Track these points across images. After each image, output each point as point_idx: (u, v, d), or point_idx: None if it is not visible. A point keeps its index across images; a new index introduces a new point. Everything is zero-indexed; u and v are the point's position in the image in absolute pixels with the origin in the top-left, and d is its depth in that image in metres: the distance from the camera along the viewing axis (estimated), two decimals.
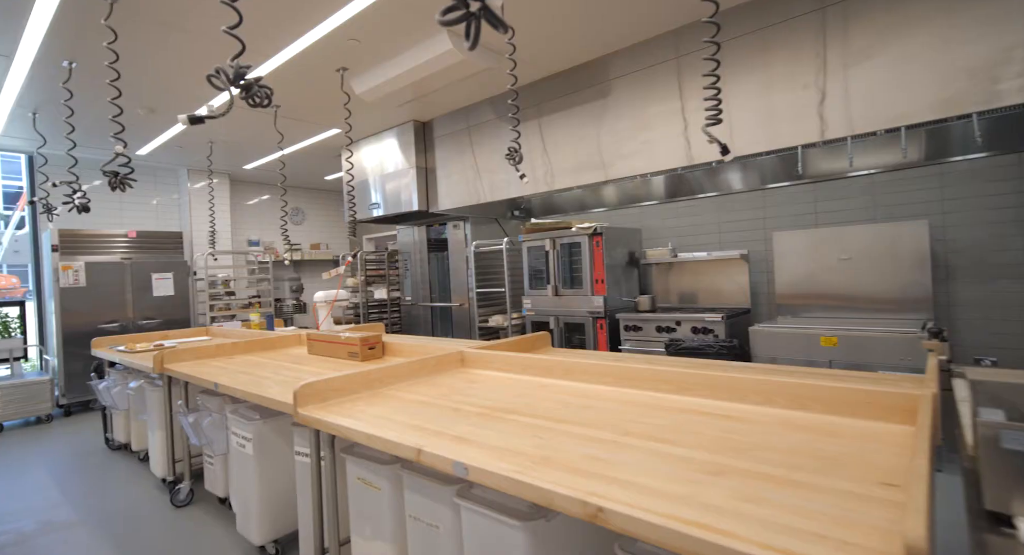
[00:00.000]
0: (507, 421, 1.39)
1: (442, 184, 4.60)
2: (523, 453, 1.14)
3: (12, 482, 3.20)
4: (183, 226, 6.21)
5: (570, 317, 4.09)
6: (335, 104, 3.99)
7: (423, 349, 2.49)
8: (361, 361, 2.54)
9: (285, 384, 2.05)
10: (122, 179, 2.37)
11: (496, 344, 2.32)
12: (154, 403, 2.89)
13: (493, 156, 4.24)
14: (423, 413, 1.50)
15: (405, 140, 4.66)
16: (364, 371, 1.82)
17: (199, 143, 4.96)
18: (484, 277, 4.87)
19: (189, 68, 3.27)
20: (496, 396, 1.67)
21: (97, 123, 4.24)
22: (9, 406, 4.43)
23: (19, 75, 3.22)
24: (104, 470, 3.34)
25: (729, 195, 3.97)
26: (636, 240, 4.36)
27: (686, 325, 3.49)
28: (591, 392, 1.66)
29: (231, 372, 2.41)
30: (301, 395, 1.62)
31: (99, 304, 5.02)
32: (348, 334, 2.64)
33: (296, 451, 1.92)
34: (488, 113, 4.32)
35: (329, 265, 7.72)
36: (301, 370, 2.38)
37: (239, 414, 2.19)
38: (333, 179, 6.92)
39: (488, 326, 4.84)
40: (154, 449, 2.93)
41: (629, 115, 3.49)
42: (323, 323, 3.23)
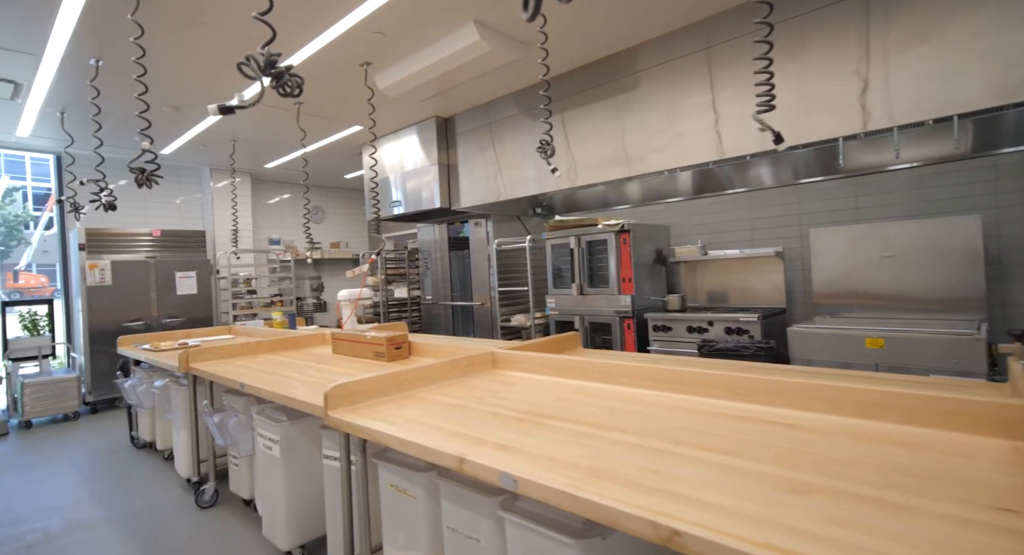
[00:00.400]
0: (550, 428, 1.31)
1: (464, 181, 4.54)
2: (573, 464, 1.06)
3: (41, 479, 3.22)
4: (206, 225, 6.24)
5: (596, 317, 3.99)
6: (357, 100, 3.95)
7: (450, 349, 2.42)
8: (388, 361, 2.48)
9: (312, 385, 1.99)
10: (148, 176, 2.34)
11: (527, 345, 2.24)
12: (179, 402, 2.87)
13: (516, 152, 4.16)
14: (459, 417, 1.43)
15: (427, 137, 4.61)
16: (395, 372, 1.75)
17: (222, 141, 4.97)
18: (506, 276, 4.80)
19: (214, 64, 3.25)
20: (534, 400, 1.59)
21: (123, 122, 4.26)
22: (38, 403, 4.48)
23: (48, 74, 3.23)
24: (129, 469, 3.34)
25: (761, 190, 3.83)
26: (664, 237, 4.24)
27: (719, 325, 3.37)
28: (635, 397, 1.56)
29: (256, 372, 2.37)
30: (332, 397, 1.56)
31: (124, 302, 5.06)
32: (374, 333, 2.58)
33: (324, 454, 1.86)
34: (511, 108, 4.24)
35: (349, 264, 7.72)
36: (327, 370, 2.32)
37: (265, 415, 2.14)
38: (353, 177, 6.91)
39: (510, 325, 4.76)
40: (179, 449, 2.91)
41: (657, 108, 3.38)
42: (347, 322, 3.18)
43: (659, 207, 4.50)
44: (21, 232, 25.31)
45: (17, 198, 25.66)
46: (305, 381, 2.08)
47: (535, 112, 4.08)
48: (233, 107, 1.52)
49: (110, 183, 3.24)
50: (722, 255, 3.81)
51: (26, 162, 27.11)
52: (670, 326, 3.61)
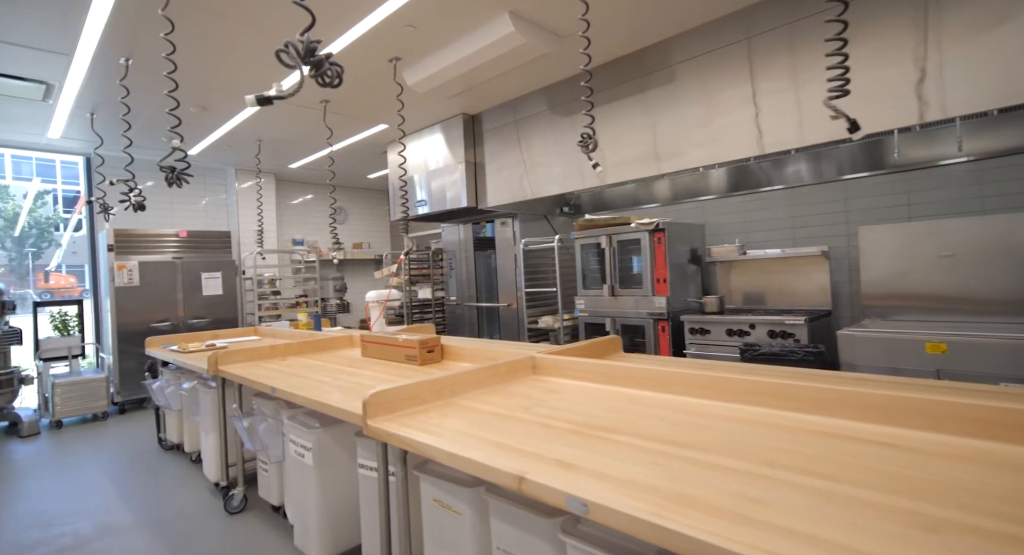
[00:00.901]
0: (612, 442, 1.19)
1: (491, 180, 4.44)
2: (650, 487, 0.94)
3: (71, 480, 3.20)
4: (231, 225, 6.25)
5: (628, 319, 3.86)
6: (384, 98, 3.88)
7: (484, 353, 2.32)
8: (420, 365, 2.39)
9: (346, 390, 1.91)
10: (178, 174, 2.29)
11: (567, 349, 2.13)
12: (207, 405, 2.82)
13: (545, 149, 4.05)
14: (507, 429, 1.32)
15: (453, 135, 4.52)
16: (435, 379, 1.65)
17: (247, 142, 4.95)
18: (532, 276, 4.69)
19: (241, 62, 3.20)
20: (585, 410, 1.48)
21: (151, 122, 4.26)
22: (68, 403, 4.50)
23: (78, 74, 3.22)
24: (158, 471, 3.31)
25: (804, 187, 3.66)
26: (698, 236, 4.09)
27: (761, 328, 3.22)
28: (696, 408, 1.44)
29: (286, 375, 2.30)
30: (371, 405, 1.47)
31: (151, 303, 5.08)
32: (405, 336, 2.49)
33: (360, 464, 1.78)
34: (539, 104, 4.13)
35: (371, 265, 7.69)
36: (358, 374, 2.24)
37: (297, 421, 2.06)
38: (376, 178, 6.87)
39: (538, 327, 4.65)
40: (207, 452, 2.86)
41: (693, 103, 3.24)
42: (375, 324, 3.11)
43: (690, 205, 4.34)
44: (52, 234, 26.01)
45: (48, 201, 26.38)
46: (338, 386, 2.00)
47: (563, 108, 3.98)
48: (271, 97, 1.44)
49: (139, 183, 3.22)
50: (762, 255, 3.65)
51: (56, 165, 27.85)
52: (708, 329, 3.46)
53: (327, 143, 4.75)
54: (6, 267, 24.25)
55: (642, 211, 4.68)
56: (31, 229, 25.25)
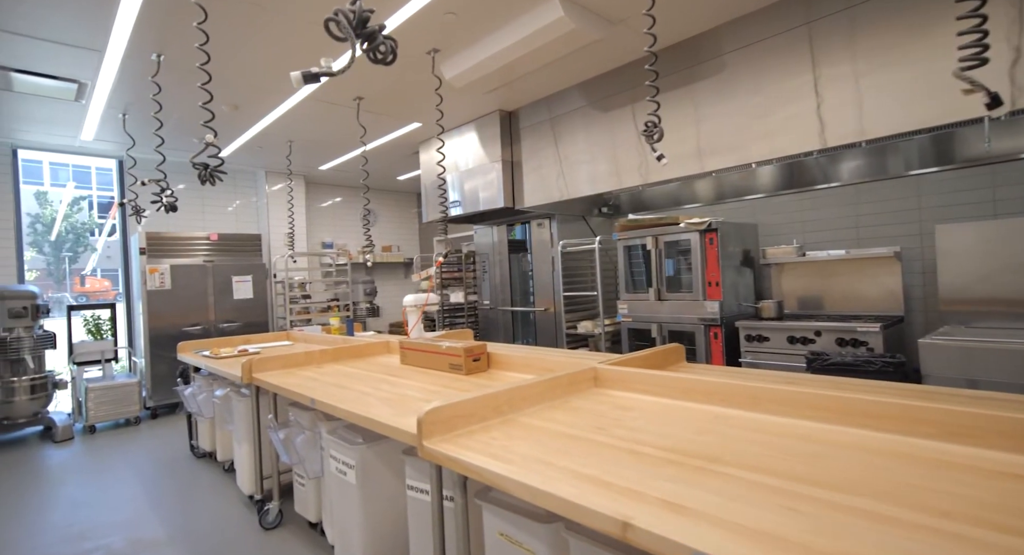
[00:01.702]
0: (720, 476, 1.00)
1: (528, 179, 4.27)
2: (798, 543, 0.75)
3: (104, 489, 3.12)
4: (261, 228, 6.22)
5: (676, 324, 3.63)
6: (419, 93, 3.75)
7: (537, 362, 2.14)
8: (465, 374, 2.22)
9: (392, 403, 1.75)
10: (212, 171, 2.17)
11: (630, 359, 1.93)
12: (241, 414, 2.70)
13: (587, 146, 3.87)
14: (587, 454, 1.14)
15: (489, 133, 4.37)
16: (492, 394, 1.48)
17: (278, 143, 4.88)
18: (569, 280, 4.50)
19: (277, 58, 3.10)
20: (669, 431, 1.29)
21: (183, 123, 4.21)
22: (101, 408, 4.47)
23: (110, 72, 3.16)
24: (190, 480, 3.21)
25: (868, 183, 3.39)
26: (752, 237, 3.84)
27: (827, 336, 2.96)
28: (805, 432, 1.23)
29: (325, 385, 2.16)
30: (426, 424, 1.30)
31: (183, 307, 5.04)
32: (449, 343, 2.33)
33: (409, 485, 1.61)
34: (578, 100, 3.95)
35: (401, 268, 7.59)
36: (401, 384, 2.08)
37: (338, 435, 1.91)
38: (406, 180, 6.77)
39: (576, 333, 4.46)
40: (241, 463, 2.74)
41: (745, 95, 3.02)
42: (413, 330, 2.96)
43: (735, 205, 4.10)
44: (87, 239, 26.82)
45: (84, 206, 27.22)
46: (382, 398, 1.84)
47: (603, 103, 3.79)
48: (318, 74, 1.29)
49: (170, 185, 3.14)
50: (824, 256, 3.39)
51: (92, 172, 28.73)
52: (766, 336, 3.22)
53: (360, 142, 4.65)
54: (44, 271, 25.06)
55: (683, 211, 4.46)
56: (68, 234, 26.07)
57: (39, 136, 4.43)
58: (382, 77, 3.43)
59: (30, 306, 4.27)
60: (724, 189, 4.16)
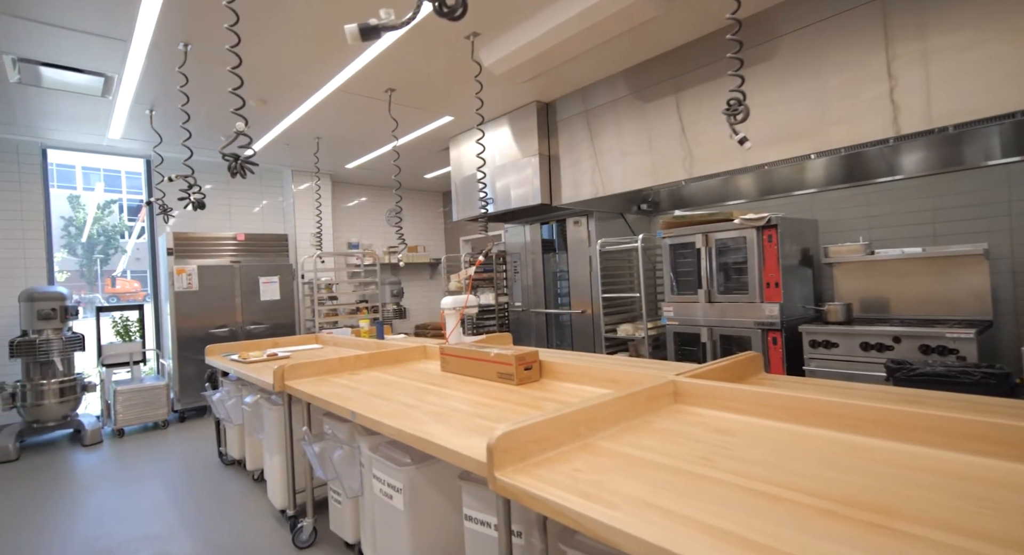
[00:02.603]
0: (908, 538, 0.77)
1: (566, 174, 4.05)
2: None
3: (132, 497, 3.00)
4: (287, 228, 6.11)
5: (729, 329, 3.37)
6: (454, 83, 3.57)
7: (598, 371, 1.91)
8: (517, 385, 2.01)
9: (441, 418, 1.55)
10: (242, 163, 2.01)
11: (710, 371, 1.70)
12: (272, 423, 2.54)
13: (632, 137, 3.64)
14: (702, 495, 0.92)
15: (524, 126, 4.16)
16: (567, 414, 1.26)
17: (306, 139, 4.75)
18: (607, 281, 4.27)
19: (305, 50, 2.94)
20: (796, 466, 1.06)
21: (211, 119, 4.10)
22: (130, 411, 4.39)
23: (136, 63, 3.04)
24: (219, 491, 3.07)
25: (943, 174, 3.09)
26: (811, 234, 3.56)
27: (909, 342, 2.68)
28: (990, 475, 0.99)
29: (363, 395, 1.97)
30: (498, 451, 1.09)
31: (210, 308, 4.94)
32: (497, 350, 2.12)
33: (467, 515, 1.41)
34: (619, 89, 3.73)
35: (427, 268, 7.44)
36: (447, 395, 1.88)
37: (382, 453, 1.72)
38: (432, 178, 6.60)
39: (616, 336, 4.22)
40: (272, 476, 2.57)
41: (801, 80, 2.78)
42: (452, 334, 2.76)
43: (784, 201, 3.83)
44: (118, 241, 27.44)
45: (114, 210, 27.86)
46: (430, 412, 1.64)
47: (647, 93, 3.57)
48: (378, 27, 1.10)
49: (197, 181, 3.00)
50: (898, 254, 3.09)
51: (121, 176, 29.41)
52: (835, 342, 2.95)
53: (390, 137, 4.49)
54: (76, 273, 25.70)
55: (729, 208, 4.19)
56: (99, 236, 26.70)
57: (68, 135, 4.37)
58: (416, 66, 3.25)
59: (59, 307, 4.20)
60: (773, 184, 3.89)
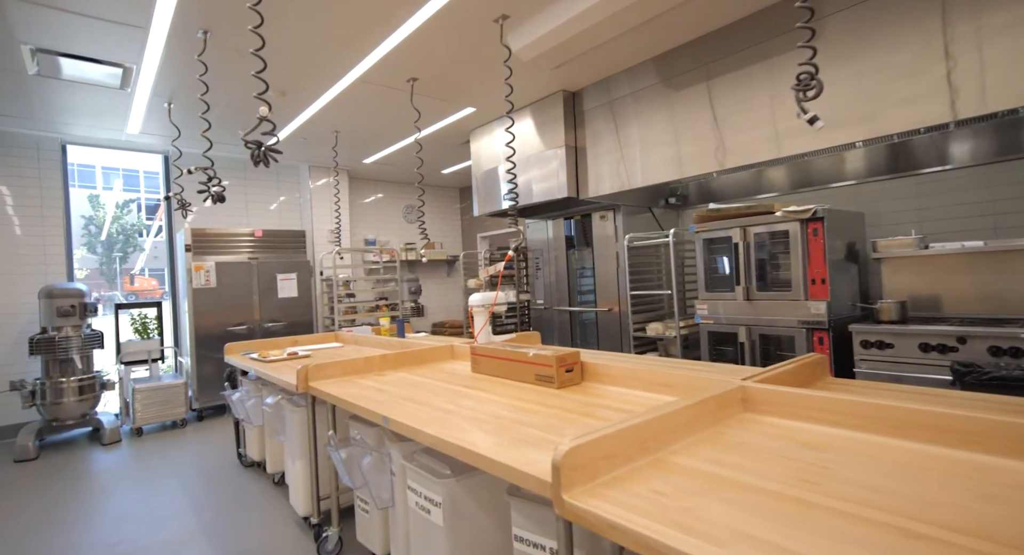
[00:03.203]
0: None
1: (593, 166, 3.90)
2: None
3: (150, 501, 2.91)
4: (304, 224, 6.03)
5: (770, 328, 3.19)
6: (478, 72, 3.43)
7: (645, 374, 1.76)
8: (557, 388, 1.87)
9: (483, 425, 1.41)
10: (266, 151, 1.89)
11: (777, 375, 1.54)
12: (295, 426, 2.42)
13: (666, 127, 3.47)
14: (819, 529, 0.77)
15: (549, 116, 4.00)
16: (634, 425, 1.11)
17: (324, 133, 4.64)
18: (635, 278, 4.10)
19: (327, 38, 2.82)
20: (920, 493, 0.90)
21: (230, 111, 4.00)
22: (148, 409, 4.32)
23: (155, 53, 2.94)
24: (239, 494, 2.97)
25: (999, 163, 2.88)
26: (857, 228, 3.36)
27: (976, 343, 2.49)
28: None
29: (394, 398, 1.84)
30: (566, 469, 0.95)
31: (228, 306, 4.87)
32: (535, 351, 1.98)
33: (518, 536, 1.27)
34: (649, 77, 3.56)
35: (444, 266, 7.32)
36: (484, 399, 1.75)
37: (417, 462, 1.59)
38: (449, 174, 6.48)
39: (645, 336, 4.06)
40: (295, 481, 2.46)
41: (851, 62, 2.59)
42: (481, 333, 2.63)
43: (820, 194, 3.65)
44: (136, 240, 27.78)
45: (133, 208, 28.21)
46: (470, 418, 1.51)
47: (680, 80, 3.41)
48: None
49: (216, 173, 2.89)
50: (957, 248, 2.89)
51: (140, 176, 29.78)
52: (889, 342, 2.76)
53: (414, 127, 4.37)
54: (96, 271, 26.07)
55: (756, 201, 4.00)
56: (118, 235, 27.05)
57: (87, 130, 4.31)
58: (440, 53, 3.12)
59: (78, 304, 4.14)
60: (810, 175, 3.70)
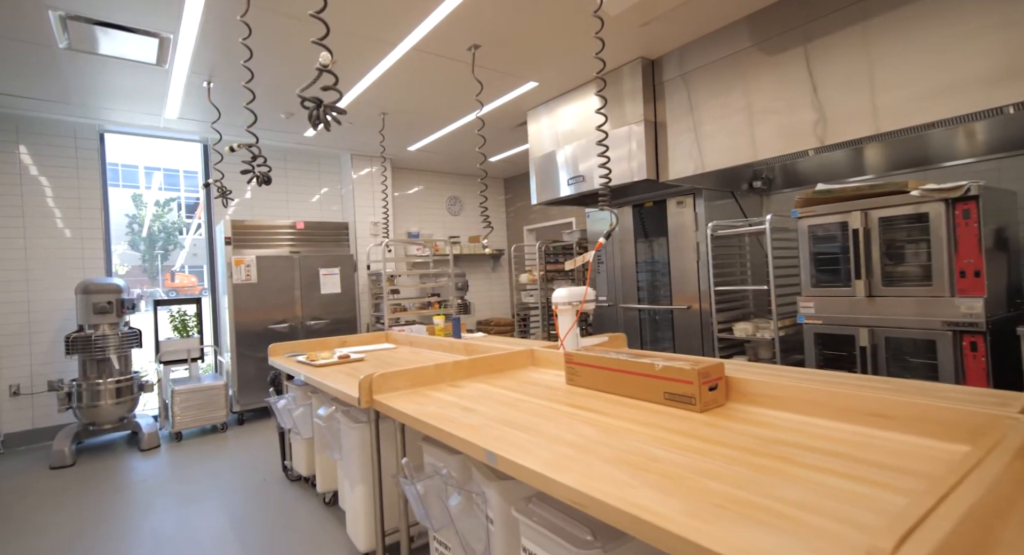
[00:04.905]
0: None
1: (675, 145, 3.43)
2: None
3: (191, 523, 2.61)
4: (346, 216, 5.72)
5: (900, 330, 2.68)
6: (549, 37, 3.01)
7: (830, 397, 1.31)
8: (700, 411, 1.43)
9: (638, 472, 0.99)
10: (327, 109, 1.51)
11: None
12: (354, 445, 2.06)
13: (760, 98, 2.99)
14: None
15: (624, 88, 3.54)
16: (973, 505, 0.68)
17: (370, 116, 4.30)
18: (719, 271, 3.62)
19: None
20: None
21: (268, 95, 3.69)
22: (187, 413, 4.07)
23: (194, 16, 2.62)
24: (286, 515, 2.64)
25: None
26: (1009, 210, 2.81)
27: None
28: None
29: (486, 419, 1.44)
30: None
31: (269, 302, 4.59)
32: (663, 363, 1.55)
33: None
34: (739, 40, 3.09)
35: (488, 260, 6.95)
36: (611, 427, 1.33)
37: (536, 516, 1.18)
38: (497, 161, 6.07)
39: (731, 337, 3.57)
40: (354, 509, 2.10)
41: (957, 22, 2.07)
42: (568, 337, 2.21)
43: (925, 174, 3.12)
44: (176, 237, 28.46)
45: (173, 207, 28.91)
46: (610, 457, 1.09)
47: (772, 44, 2.94)
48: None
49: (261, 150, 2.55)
50: None
51: (180, 175, 30.52)
52: None
53: (469, 105, 3.98)
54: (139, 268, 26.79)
55: (847, 184, 3.48)
56: (160, 233, 27.75)
57: (124, 115, 4.07)
58: (510, 12, 2.71)
59: (115, 301, 3.91)
60: (920, 153, 3.18)
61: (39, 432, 4.10)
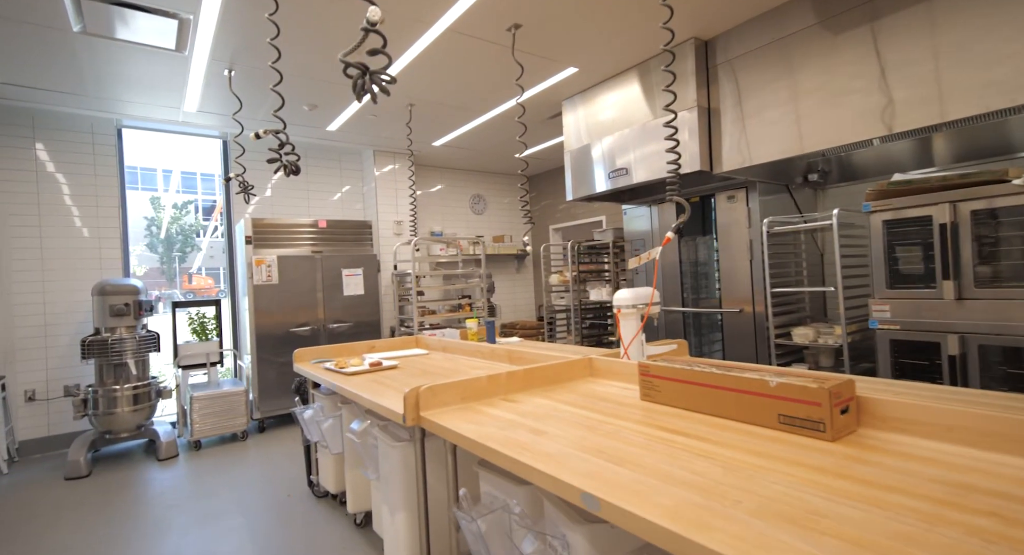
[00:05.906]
0: None
1: (730, 133, 3.16)
2: None
3: (209, 544, 2.40)
4: (368, 215, 5.52)
5: (998, 337, 2.38)
6: (596, 15, 2.76)
7: (967, 417, 1.05)
8: (831, 440, 1.17)
9: (802, 532, 0.74)
10: (374, 77, 1.28)
11: None
12: (396, 467, 1.82)
13: (824, 81, 2.72)
14: None
15: (677, 71, 3.28)
16: None
17: (396, 107, 4.08)
18: (776, 272, 3.34)
19: None
20: None
21: (290, 85, 3.49)
22: (207, 420, 3.88)
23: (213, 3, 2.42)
24: (314, 538, 2.41)
25: None
26: None
27: None
28: None
29: (561, 443, 1.20)
30: None
31: (291, 304, 4.39)
32: (776, 379, 1.29)
33: None
34: (801, 17, 2.83)
35: (513, 260, 6.71)
36: (726, 459, 1.07)
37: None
38: (526, 155, 5.83)
39: (790, 343, 3.29)
40: (394, 538, 1.86)
41: None
42: (632, 343, 1.96)
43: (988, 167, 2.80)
44: (194, 240, 28.66)
45: (191, 210, 29.11)
46: (752, 508, 0.84)
47: (836, 22, 2.69)
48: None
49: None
50: None
51: (197, 178, 30.74)
52: None
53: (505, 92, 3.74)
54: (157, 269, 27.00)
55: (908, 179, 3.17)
56: (177, 235, 27.96)
57: (142, 108, 3.90)
58: None
59: (132, 303, 3.73)
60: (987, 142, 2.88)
61: (55, 439, 3.94)
